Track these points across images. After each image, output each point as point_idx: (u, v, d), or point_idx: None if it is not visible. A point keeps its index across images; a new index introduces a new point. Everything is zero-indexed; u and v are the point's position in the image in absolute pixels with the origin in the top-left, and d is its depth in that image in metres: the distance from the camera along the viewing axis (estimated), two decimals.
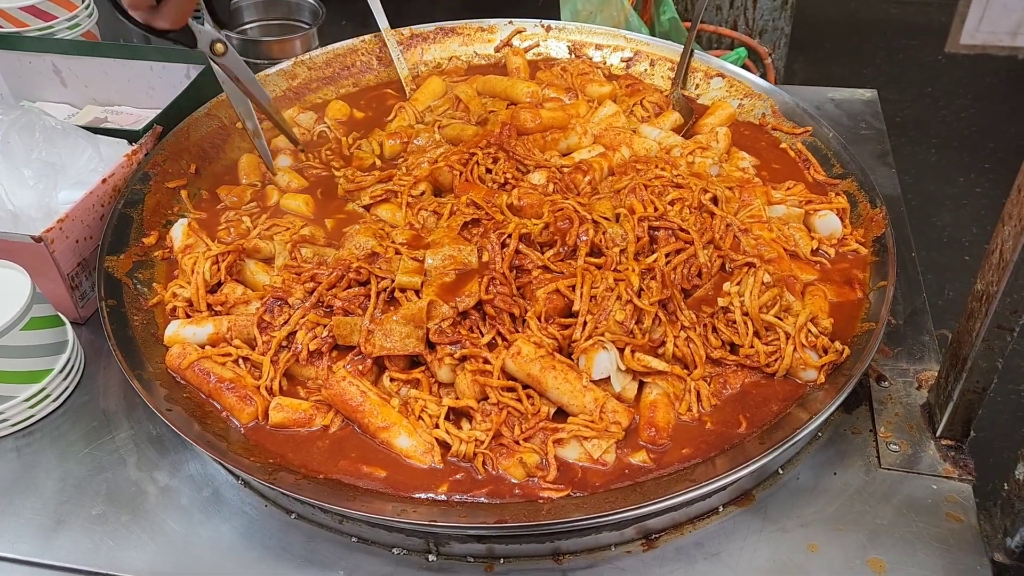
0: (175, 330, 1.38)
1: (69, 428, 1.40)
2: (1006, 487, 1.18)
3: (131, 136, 1.67)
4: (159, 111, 1.96)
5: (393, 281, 1.34)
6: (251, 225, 1.59)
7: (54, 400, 1.42)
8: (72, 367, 1.45)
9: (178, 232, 1.54)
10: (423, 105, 1.89)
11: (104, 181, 1.56)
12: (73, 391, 1.45)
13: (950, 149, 4.64)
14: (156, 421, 1.39)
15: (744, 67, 3.10)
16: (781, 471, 1.28)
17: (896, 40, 5.59)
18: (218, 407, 1.30)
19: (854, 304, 1.41)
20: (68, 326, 1.46)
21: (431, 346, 1.30)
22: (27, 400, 1.38)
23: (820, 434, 1.33)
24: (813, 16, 4.04)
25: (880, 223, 1.50)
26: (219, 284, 1.44)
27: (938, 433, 1.30)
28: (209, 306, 1.42)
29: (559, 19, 2.12)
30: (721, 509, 1.24)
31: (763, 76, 3.49)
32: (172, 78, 1.96)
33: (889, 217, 1.50)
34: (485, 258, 1.37)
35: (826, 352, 1.30)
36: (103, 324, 1.36)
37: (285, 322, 1.34)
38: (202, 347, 1.36)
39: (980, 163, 4.56)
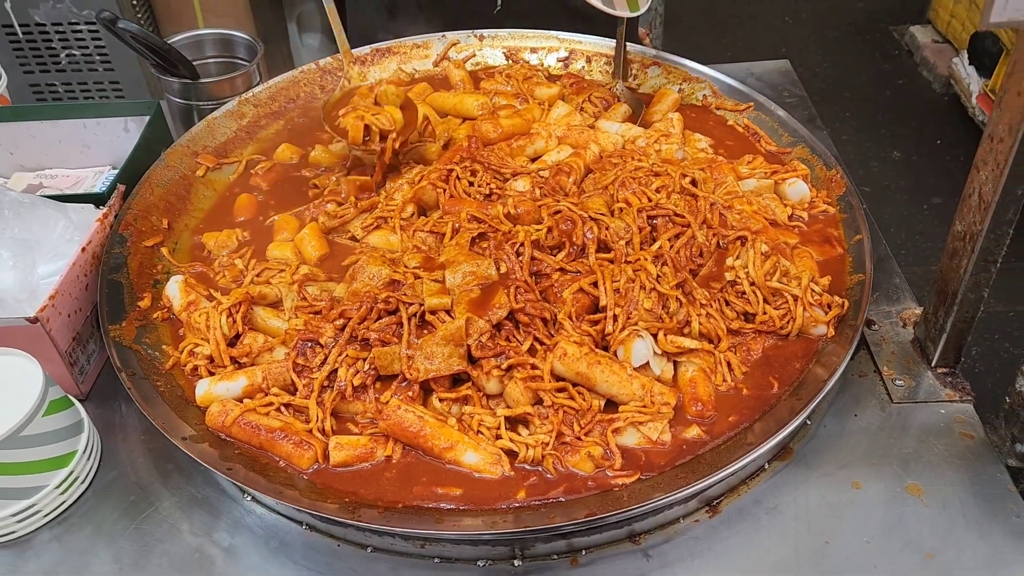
0: (207, 389, 1.35)
1: (106, 507, 1.35)
2: (1008, 400, 1.34)
3: (97, 200, 1.61)
4: (99, 169, 1.91)
5: (422, 305, 1.37)
6: (244, 268, 1.57)
7: (82, 482, 1.36)
8: (92, 446, 1.40)
9: (174, 290, 1.50)
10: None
11: (83, 250, 1.50)
12: (97, 470, 1.40)
13: (812, 103, 4.97)
14: (197, 483, 1.36)
15: None
16: (809, 422, 1.40)
17: (744, 7, 5.94)
18: (274, 457, 1.29)
19: (837, 260, 1.54)
20: (79, 405, 1.41)
21: (472, 361, 1.34)
22: (58, 487, 1.32)
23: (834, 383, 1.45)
24: None
25: (839, 183, 1.64)
26: (236, 336, 1.42)
27: (933, 363, 1.44)
28: (232, 359, 1.40)
29: None
30: (767, 466, 1.34)
31: None
32: (108, 134, 1.89)
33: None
34: (503, 269, 1.42)
35: (830, 308, 1.42)
36: (132, 395, 1.32)
37: (323, 362, 1.34)
38: (239, 401, 1.34)
39: (842, 112, 4.92)
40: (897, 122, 4.86)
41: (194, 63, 1.90)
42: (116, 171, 1.91)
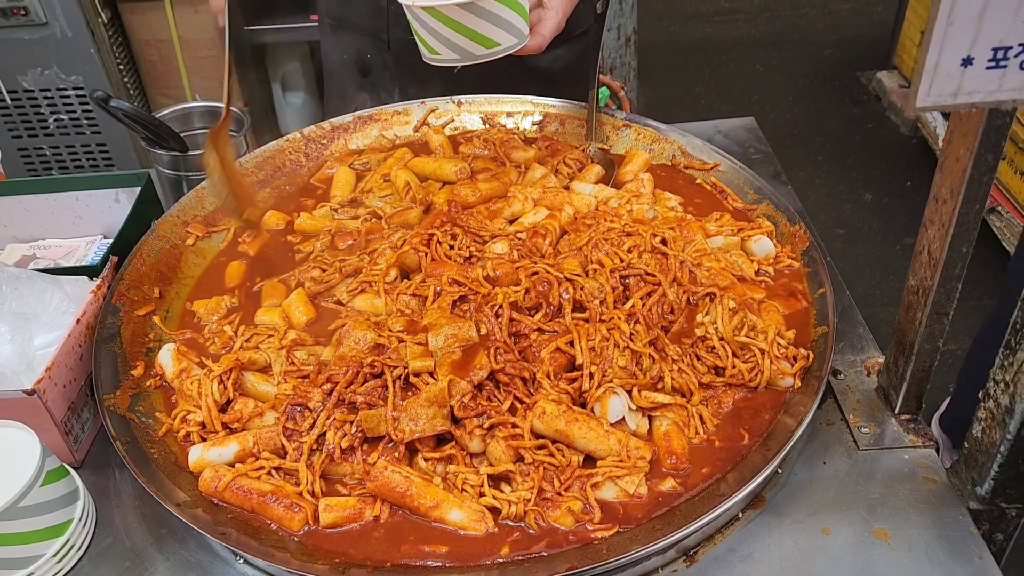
0: (199, 454, 1.40)
1: (101, 573, 1.38)
2: (966, 445, 1.40)
3: (90, 272, 1.67)
4: (91, 239, 1.97)
5: (406, 368, 1.42)
6: (233, 334, 1.62)
7: (78, 550, 1.40)
8: (88, 513, 1.44)
9: (167, 358, 1.56)
10: (340, 200, 1.96)
11: (78, 321, 1.56)
12: (93, 536, 1.44)
13: (784, 148, 5.12)
14: (190, 548, 1.40)
15: (606, 104, 3.40)
16: (780, 471, 1.46)
17: (716, 56, 6.11)
18: (266, 521, 1.33)
19: (802, 313, 1.61)
20: (75, 473, 1.45)
21: (455, 421, 1.39)
22: (55, 555, 1.36)
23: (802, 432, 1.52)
24: (639, 43, 4.41)
25: (803, 238, 1.73)
26: (228, 402, 1.48)
27: (896, 411, 1.51)
28: (224, 425, 1.45)
29: None
30: (741, 515, 1.40)
31: (619, 108, 3.78)
32: (99, 204, 1.95)
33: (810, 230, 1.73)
34: (484, 330, 1.48)
35: (796, 360, 1.49)
36: (127, 463, 1.37)
37: (312, 425, 1.39)
38: (231, 466, 1.39)
39: (813, 157, 5.06)
40: (868, 165, 5.00)
41: (183, 134, 1.98)
42: (107, 240, 1.98)
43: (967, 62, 0.86)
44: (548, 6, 1.82)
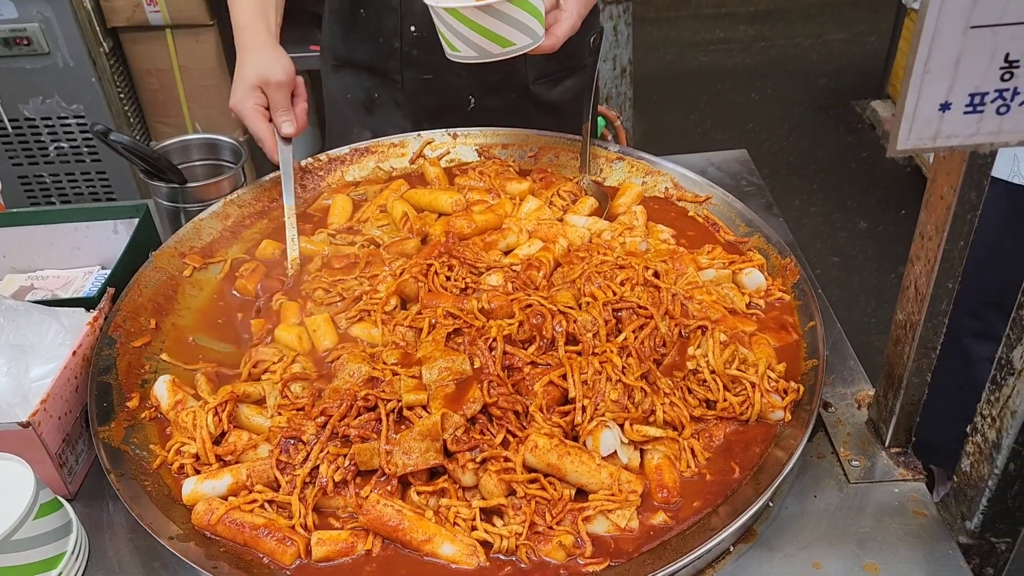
0: (193, 487, 1.41)
1: None
2: (955, 479, 1.41)
3: (87, 303, 1.68)
4: (89, 269, 1.99)
5: (400, 401, 1.43)
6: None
7: None
8: (80, 546, 1.44)
9: (162, 390, 1.56)
10: (337, 226, 1.98)
11: (74, 353, 1.57)
12: (86, 570, 1.44)
13: (780, 176, 5.17)
14: None
15: (602, 134, 3.45)
16: (771, 504, 1.46)
17: (711, 85, 6.17)
18: (258, 554, 1.34)
19: (793, 346, 1.62)
20: (68, 506, 1.45)
21: (448, 455, 1.40)
22: None
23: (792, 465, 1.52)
24: (635, 72, 4.46)
25: (794, 271, 1.74)
26: (222, 434, 1.49)
27: (887, 444, 1.52)
28: (218, 457, 1.46)
29: None
30: (732, 549, 1.40)
31: (615, 138, 3.82)
32: (98, 235, 1.97)
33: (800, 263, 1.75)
34: (477, 364, 1.49)
35: (786, 393, 1.50)
36: (120, 496, 1.38)
37: (305, 459, 1.40)
38: (224, 499, 1.39)
39: (809, 184, 5.09)
40: (862, 193, 5.04)
41: (182, 166, 2.00)
42: (105, 270, 2.00)
43: (945, 107, 0.88)
44: (564, 8, 1.87)
